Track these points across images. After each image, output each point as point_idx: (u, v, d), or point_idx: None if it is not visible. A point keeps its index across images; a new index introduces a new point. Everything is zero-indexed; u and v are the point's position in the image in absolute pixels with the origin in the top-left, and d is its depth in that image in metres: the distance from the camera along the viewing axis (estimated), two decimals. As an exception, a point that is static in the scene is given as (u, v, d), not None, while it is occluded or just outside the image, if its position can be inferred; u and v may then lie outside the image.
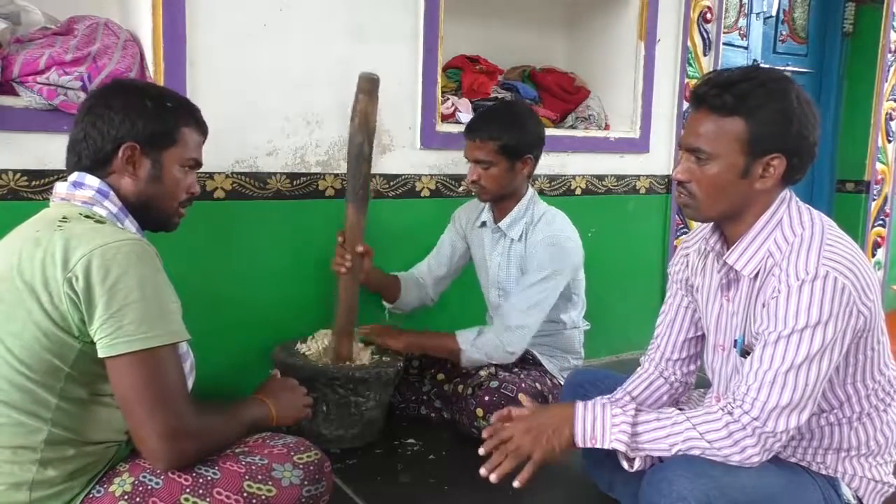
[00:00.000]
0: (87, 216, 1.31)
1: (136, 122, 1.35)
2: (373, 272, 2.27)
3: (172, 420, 1.25)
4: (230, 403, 1.47)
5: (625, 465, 1.43)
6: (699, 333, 1.69)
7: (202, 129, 1.47)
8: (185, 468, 1.30)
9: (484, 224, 2.34)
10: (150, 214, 1.42)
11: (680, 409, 1.45)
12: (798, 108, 1.37)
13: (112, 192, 1.35)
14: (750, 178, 1.40)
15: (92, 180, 1.35)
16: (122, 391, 1.24)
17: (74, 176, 1.36)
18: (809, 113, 1.39)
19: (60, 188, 1.36)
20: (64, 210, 1.32)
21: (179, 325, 1.29)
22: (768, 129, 1.36)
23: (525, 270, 2.23)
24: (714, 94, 1.38)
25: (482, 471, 1.45)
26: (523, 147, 2.17)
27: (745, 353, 1.46)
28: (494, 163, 2.15)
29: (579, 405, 1.46)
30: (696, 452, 1.37)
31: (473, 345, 2.16)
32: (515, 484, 1.43)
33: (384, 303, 2.43)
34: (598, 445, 1.43)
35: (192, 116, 1.45)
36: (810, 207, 1.47)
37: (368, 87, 2.08)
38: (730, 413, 1.37)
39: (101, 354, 1.22)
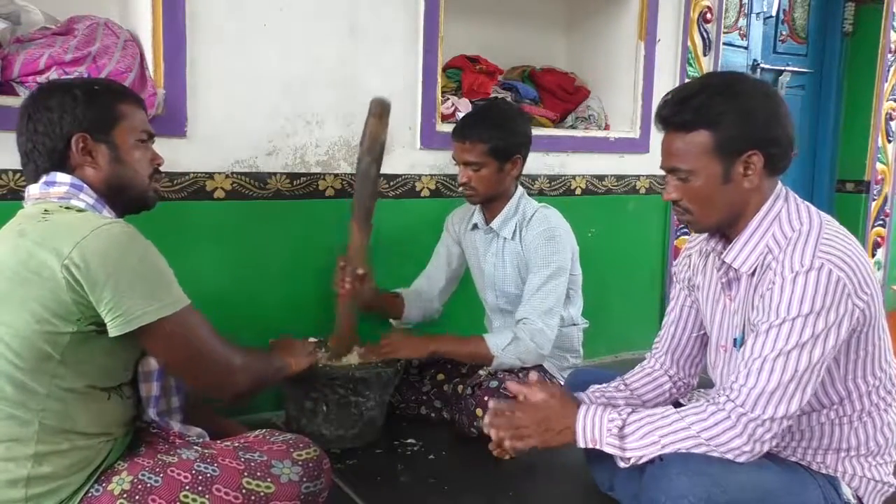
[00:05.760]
0: (67, 208, 1.33)
1: (75, 112, 1.37)
2: (373, 296, 2.24)
3: (219, 367, 1.41)
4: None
5: (620, 463, 1.43)
6: (703, 332, 1.69)
7: (137, 101, 1.49)
8: (243, 397, 1.49)
9: (476, 226, 2.34)
10: (124, 197, 1.43)
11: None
12: (758, 103, 1.39)
13: (85, 185, 1.37)
14: (734, 181, 1.42)
15: (63, 177, 1.36)
16: (163, 358, 1.36)
17: (45, 176, 1.37)
18: (772, 102, 1.41)
19: (34, 189, 1.38)
20: (44, 205, 1.34)
21: (181, 292, 1.36)
22: (733, 131, 1.39)
23: (527, 268, 2.23)
24: (674, 114, 1.42)
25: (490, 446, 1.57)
26: (512, 148, 2.17)
27: (744, 349, 1.47)
28: (484, 164, 2.15)
29: (583, 408, 1.48)
30: (688, 445, 1.36)
31: (507, 350, 2.15)
32: (507, 453, 1.56)
33: (391, 320, 2.43)
34: (598, 447, 1.44)
35: (122, 93, 1.47)
36: (809, 204, 1.48)
37: (379, 110, 2.07)
38: (715, 403, 1.38)
39: (120, 332, 1.26)
